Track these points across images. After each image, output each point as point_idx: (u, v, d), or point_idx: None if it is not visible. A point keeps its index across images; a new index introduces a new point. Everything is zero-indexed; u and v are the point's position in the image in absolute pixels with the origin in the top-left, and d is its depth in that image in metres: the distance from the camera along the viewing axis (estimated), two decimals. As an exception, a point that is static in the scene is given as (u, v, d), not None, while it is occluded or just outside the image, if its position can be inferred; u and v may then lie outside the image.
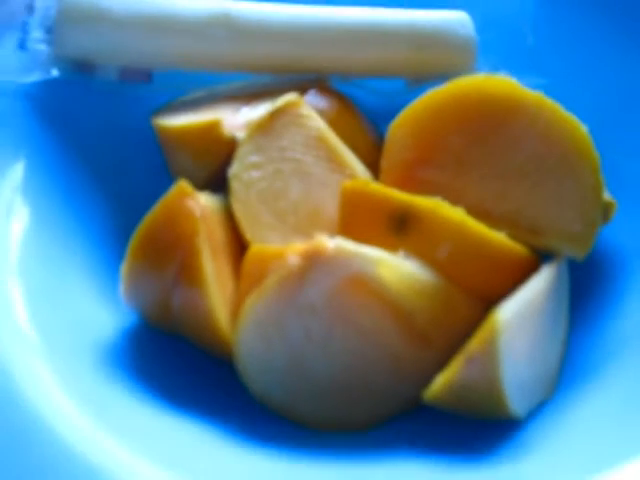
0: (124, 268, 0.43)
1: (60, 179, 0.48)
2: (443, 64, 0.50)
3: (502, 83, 0.45)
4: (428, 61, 0.50)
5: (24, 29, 0.49)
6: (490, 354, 0.39)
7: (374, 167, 0.47)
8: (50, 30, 0.48)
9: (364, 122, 0.50)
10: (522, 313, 0.40)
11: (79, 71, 0.48)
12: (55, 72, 0.48)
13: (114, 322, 0.45)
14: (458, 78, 0.46)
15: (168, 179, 0.48)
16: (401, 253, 0.42)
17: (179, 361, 0.44)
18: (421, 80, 0.51)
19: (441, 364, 0.41)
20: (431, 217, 0.42)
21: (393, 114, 0.46)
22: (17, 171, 0.47)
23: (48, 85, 0.48)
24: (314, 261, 0.40)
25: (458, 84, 0.45)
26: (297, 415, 0.42)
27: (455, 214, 0.42)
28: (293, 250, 0.41)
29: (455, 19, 0.51)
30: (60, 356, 0.42)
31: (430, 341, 0.42)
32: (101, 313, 0.45)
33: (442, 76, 0.49)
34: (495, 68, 0.51)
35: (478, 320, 0.42)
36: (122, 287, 0.44)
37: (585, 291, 0.46)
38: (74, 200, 0.48)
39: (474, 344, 0.39)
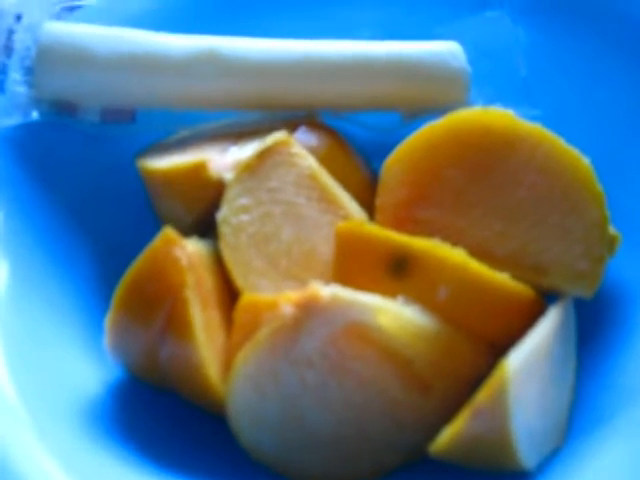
0: (109, 320, 0.40)
1: (41, 227, 0.45)
2: (435, 96, 0.48)
3: (499, 116, 0.42)
4: (420, 94, 0.48)
5: (2, 70, 0.46)
6: (499, 407, 0.35)
7: (368, 206, 0.44)
8: (29, 71, 0.46)
9: (357, 159, 0.48)
10: (530, 361, 0.37)
11: (60, 113, 0.46)
12: (35, 115, 0.46)
13: (99, 376, 0.42)
14: (454, 112, 0.43)
15: (155, 223, 0.45)
16: (400, 299, 0.39)
17: (168, 416, 0.41)
18: (415, 114, 0.48)
19: (443, 412, 0.39)
20: (430, 259, 0.39)
21: (387, 150, 0.44)
22: (-5, 220, 0.44)
23: (28, 128, 0.46)
24: (309, 311, 0.37)
25: (454, 118, 0.43)
26: (293, 471, 0.39)
27: (455, 255, 0.39)
28: (287, 299, 0.38)
29: (447, 50, 0.48)
30: (43, 416, 0.39)
31: (431, 389, 0.39)
32: (85, 367, 0.42)
33: (436, 109, 0.47)
34: (488, 100, 0.49)
35: (481, 365, 0.39)
36: (107, 340, 0.41)
37: (592, 331, 0.43)
38: (56, 248, 0.45)
39: (482, 396, 0.36)
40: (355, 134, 0.48)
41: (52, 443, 0.38)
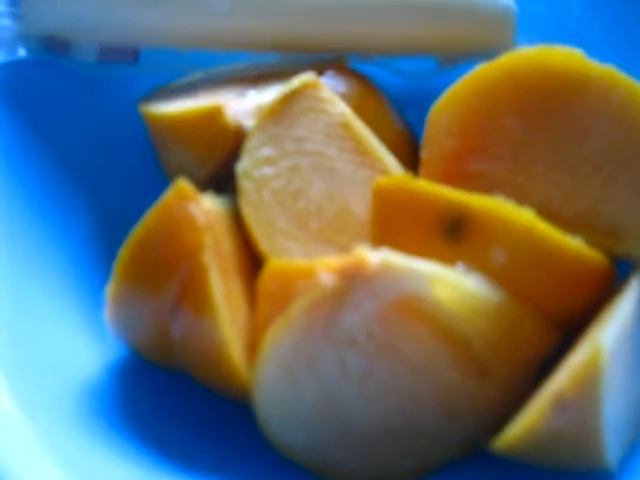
0: (110, 290, 0.34)
1: (29, 181, 0.39)
2: (479, 39, 0.42)
3: (566, 56, 0.36)
4: (462, 36, 0.42)
5: (-17, 2, 0.41)
6: (590, 398, 0.29)
7: (401, 160, 0.39)
8: (15, 2, 0.40)
9: (389, 108, 0.42)
10: (617, 345, 0.31)
11: (51, 51, 0.40)
12: (22, 52, 0.40)
13: (98, 357, 0.35)
14: (512, 51, 0.37)
15: (161, 177, 0.40)
16: (460, 266, 0.32)
17: (180, 403, 0.35)
18: (454, 59, 0.43)
19: (501, 399, 0.33)
20: (492, 220, 0.33)
21: (421, 98, 0.40)
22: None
23: (14, 68, 0.40)
24: (354, 280, 0.31)
25: (513, 57, 0.37)
26: (328, 468, 0.33)
27: (522, 216, 0.33)
28: (326, 266, 0.31)
29: (491, -14, 0.42)
30: (34, 404, 0.32)
31: (490, 372, 0.33)
32: (82, 346, 0.35)
33: (478, 54, 0.42)
34: (535, 43, 0.42)
35: (544, 345, 0.34)
36: (108, 314, 0.34)
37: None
38: (46, 206, 0.38)
39: (567, 385, 0.29)
40: (386, 80, 0.42)
41: (45, 436, 0.31)
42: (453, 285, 0.32)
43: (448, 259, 0.33)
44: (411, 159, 0.39)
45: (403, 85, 0.43)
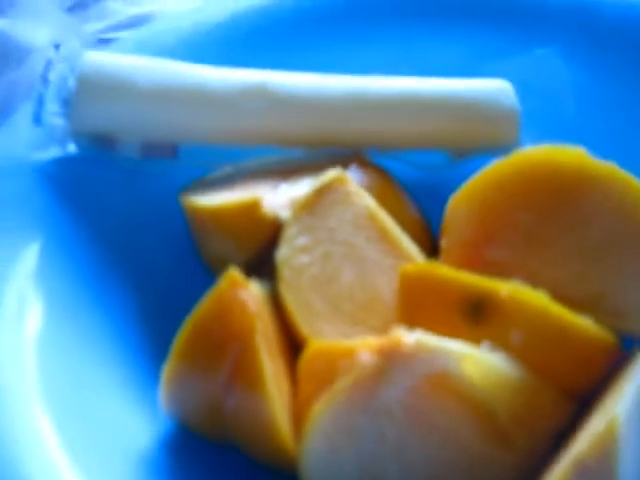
0: (167, 370, 0.36)
1: (80, 266, 0.41)
2: (487, 136, 0.45)
3: (570, 155, 0.39)
4: (471, 133, 0.45)
5: (39, 102, 0.43)
6: (608, 462, 0.32)
7: (419, 245, 0.41)
8: (67, 103, 0.42)
9: (406, 198, 0.44)
10: (630, 414, 0.33)
11: (98, 147, 0.43)
12: (72, 148, 0.42)
13: (149, 429, 0.37)
14: (522, 150, 0.40)
15: (198, 263, 0.42)
16: (485, 345, 0.35)
17: (231, 473, 0.37)
18: (463, 153, 0.45)
19: (523, 467, 0.35)
20: (512, 303, 0.36)
21: (433, 189, 0.43)
22: (31, 257, 0.40)
23: (65, 162, 0.42)
24: (392, 359, 0.33)
25: (524, 156, 0.40)
26: (368, 532, 0.35)
27: (538, 299, 0.36)
28: (366, 347, 0.34)
29: (498, 88, 0.46)
30: (96, 476, 0.34)
31: (512, 440, 0.36)
32: (134, 420, 0.37)
33: (487, 149, 0.45)
34: (537, 140, 0.45)
35: (561, 416, 0.36)
36: (163, 392, 0.36)
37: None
38: (97, 290, 0.40)
39: (587, 450, 0.32)
40: (401, 172, 0.45)
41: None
42: (480, 362, 0.34)
43: (470, 338, 0.35)
44: (427, 244, 0.42)
45: (416, 176, 0.45)
